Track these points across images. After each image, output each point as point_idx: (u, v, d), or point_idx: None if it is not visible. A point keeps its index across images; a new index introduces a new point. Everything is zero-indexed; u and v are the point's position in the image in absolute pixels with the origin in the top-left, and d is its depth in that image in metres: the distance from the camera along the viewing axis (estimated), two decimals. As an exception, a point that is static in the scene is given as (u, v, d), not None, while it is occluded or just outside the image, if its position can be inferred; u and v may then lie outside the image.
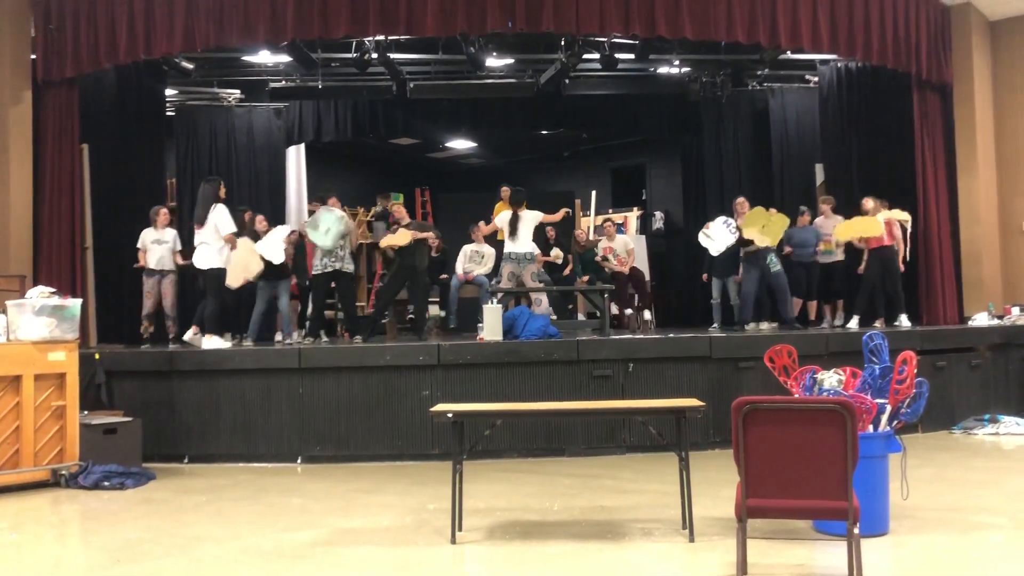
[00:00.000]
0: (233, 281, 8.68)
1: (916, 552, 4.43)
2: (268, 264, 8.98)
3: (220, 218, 8.53)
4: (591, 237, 12.17)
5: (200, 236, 8.62)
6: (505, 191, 11.43)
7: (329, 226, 8.89)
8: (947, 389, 8.52)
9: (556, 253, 11.69)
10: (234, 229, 8.62)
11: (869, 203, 9.50)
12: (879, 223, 9.33)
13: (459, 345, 7.78)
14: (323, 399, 7.58)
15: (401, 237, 9.35)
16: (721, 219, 9.79)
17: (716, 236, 9.73)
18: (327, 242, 8.87)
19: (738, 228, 9.52)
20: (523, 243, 9.17)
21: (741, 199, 9.95)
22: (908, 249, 9.70)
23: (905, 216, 9.63)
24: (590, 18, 8.69)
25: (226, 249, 8.61)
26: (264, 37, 9.00)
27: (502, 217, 9.52)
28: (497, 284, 9.53)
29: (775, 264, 9.51)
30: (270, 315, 9.52)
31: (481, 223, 10.84)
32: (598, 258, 11.34)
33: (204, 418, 7.67)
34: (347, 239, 9.11)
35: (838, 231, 9.73)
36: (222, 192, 8.70)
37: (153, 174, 11.42)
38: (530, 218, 9.26)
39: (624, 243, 11.66)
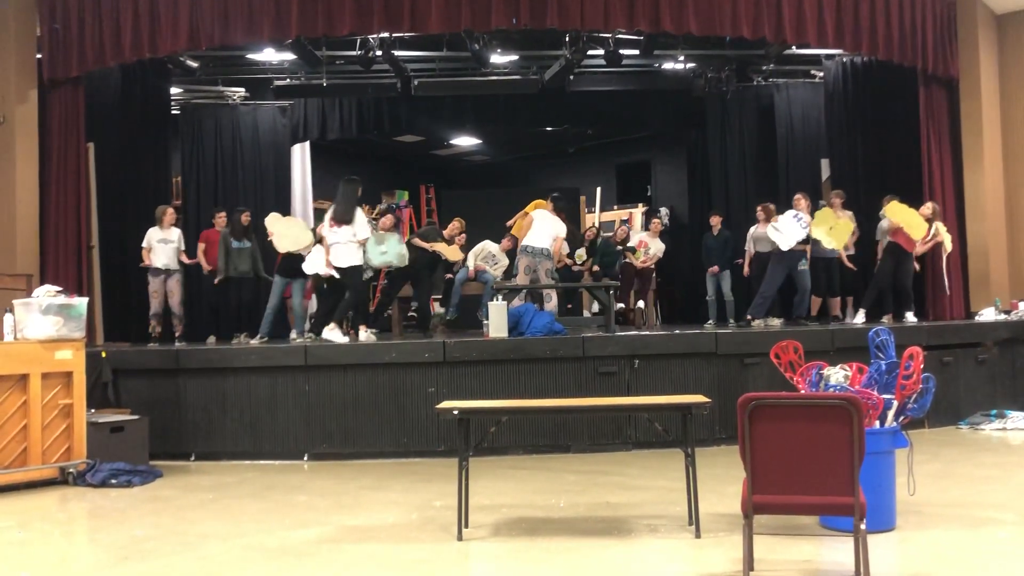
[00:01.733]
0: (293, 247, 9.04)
1: (923, 548, 4.42)
2: (285, 258, 9.04)
3: (362, 223, 8.47)
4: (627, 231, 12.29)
5: (338, 235, 8.41)
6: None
7: (387, 250, 9.02)
8: (954, 384, 8.48)
9: (579, 254, 11.68)
10: (369, 235, 8.67)
11: (928, 210, 9.48)
12: (924, 226, 9.33)
13: (465, 342, 7.79)
14: (329, 396, 7.60)
15: (453, 253, 9.92)
16: (791, 212, 9.54)
17: (785, 230, 9.48)
18: (376, 261, 9.05)
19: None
20: (544, 241, 9.36)
21: (799, 195, 9.70)
22: (947, 280, 9.85)
23: (949, 243, 9.68)
24: (595, 14, 8.67)
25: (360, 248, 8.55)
26: (269, 35, 9.01)
27: (560, 229, 9.63)
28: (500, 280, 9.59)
29: (803, 264, 9.47)
30: (283, 313, 9.53)
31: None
32: (628, 246, 11.36)
33: (211, 416, 7.68)
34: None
35: (891, 208, 9.50)
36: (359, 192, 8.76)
37: (158, 172, 11.45)
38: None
39: (660, 248, 11.69)
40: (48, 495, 6.35)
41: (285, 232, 9.19)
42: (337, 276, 8.65)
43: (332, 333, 8.33)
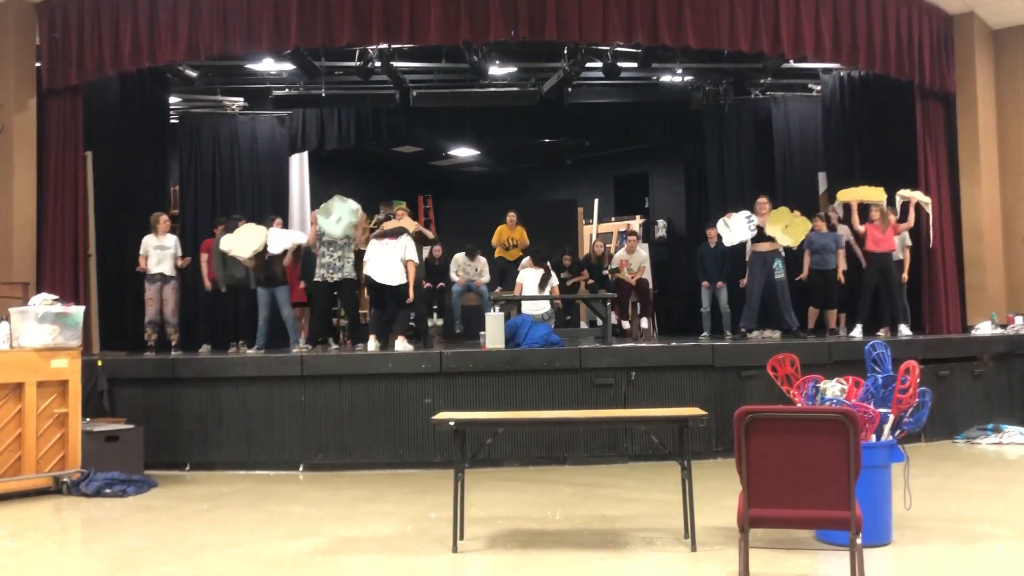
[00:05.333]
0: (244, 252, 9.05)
1: (919, 562, 4.41)
2: (264, 269, 9.02)
3: (410, 243, 8.61)
4: (603, 247, 12.29)
5: (383, 251, 8.53)
6: (512, 216, 11.63)
7: (341, 215, 8.93)
8: (950, 398, 8.49)
9: (564, 276, 11.66)
10: (415, 257, 8.74)
11: (876, 212, 9.54)
12: (881, 190, 9.47)
13: (461, 353, 7.78)
14: (325, 407, 7.58)
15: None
16: (744, 213, 9.65)
17: (734, 228, 9.59)
18: (337, 231, 8.87)
19: (759, 227, 9.50)
20: (544, 304, 9.65)
21: (763, 199, 9.79)
22: (931, 233, 9.97)
23: (926, 199, 9.81)
24: (593, 27, 8.69)
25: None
26: (268, 45, 9.01)
27: (550, 278, 9.85)
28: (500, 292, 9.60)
29: (779, 271, 9.48)
30: (277, 324, 9.48)
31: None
32: (609, 270, 11.36)
33: (206, 426, 7.67)
34: (351, 241, 9.08)
35: (841, 194, 9.80)
36: None
37: (156, 181, 11.43)
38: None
39: (641, 259, 11.69)
40: (42, 504, 6.33)
41: (238, 242, 9.09)
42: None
43: (401, 344, 8.33)
